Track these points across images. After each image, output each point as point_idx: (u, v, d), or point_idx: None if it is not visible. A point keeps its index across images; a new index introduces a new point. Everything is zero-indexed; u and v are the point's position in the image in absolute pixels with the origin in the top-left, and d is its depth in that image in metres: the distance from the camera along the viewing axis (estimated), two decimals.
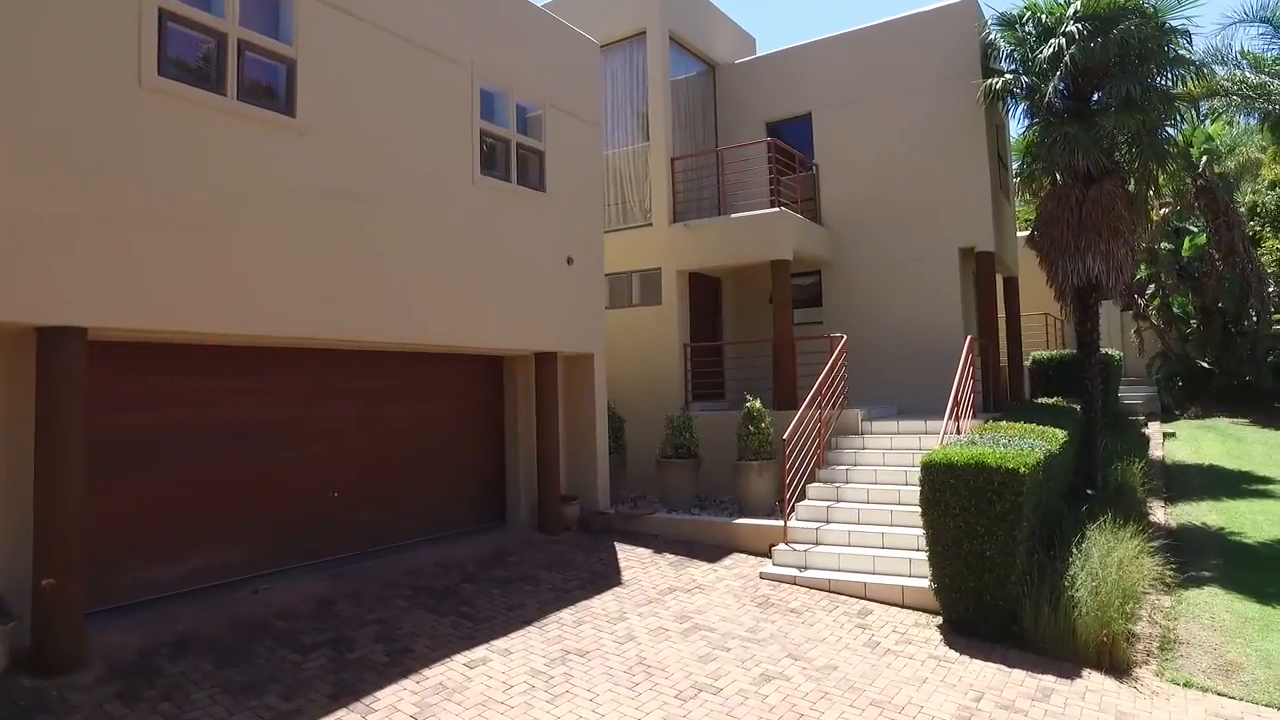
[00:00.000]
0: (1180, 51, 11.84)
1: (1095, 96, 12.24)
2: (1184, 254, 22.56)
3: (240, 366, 7.66)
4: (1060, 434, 9.38)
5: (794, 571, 8.71)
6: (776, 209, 12.18)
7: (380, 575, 8.09)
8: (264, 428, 7.87)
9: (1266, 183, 24.91)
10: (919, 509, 7.65)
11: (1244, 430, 19.06)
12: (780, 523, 9.44)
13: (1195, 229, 22.76)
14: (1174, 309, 23.51)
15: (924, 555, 7.76)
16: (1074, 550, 7.77)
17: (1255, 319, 22.39)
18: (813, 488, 10.02)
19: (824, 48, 14.19)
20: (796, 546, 9.08)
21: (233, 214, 6.61)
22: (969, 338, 10.61)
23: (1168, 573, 8.54)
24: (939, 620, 7.55)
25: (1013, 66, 12.50)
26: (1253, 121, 23.02)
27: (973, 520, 7.17)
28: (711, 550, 9.81)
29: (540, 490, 10.41)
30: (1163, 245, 22.57)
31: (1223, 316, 22.62)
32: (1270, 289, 23.00)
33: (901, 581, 8.12)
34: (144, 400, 6.94)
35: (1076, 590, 7.01)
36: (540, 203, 10.26)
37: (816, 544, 9.11)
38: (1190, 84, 12.01)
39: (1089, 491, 11.75)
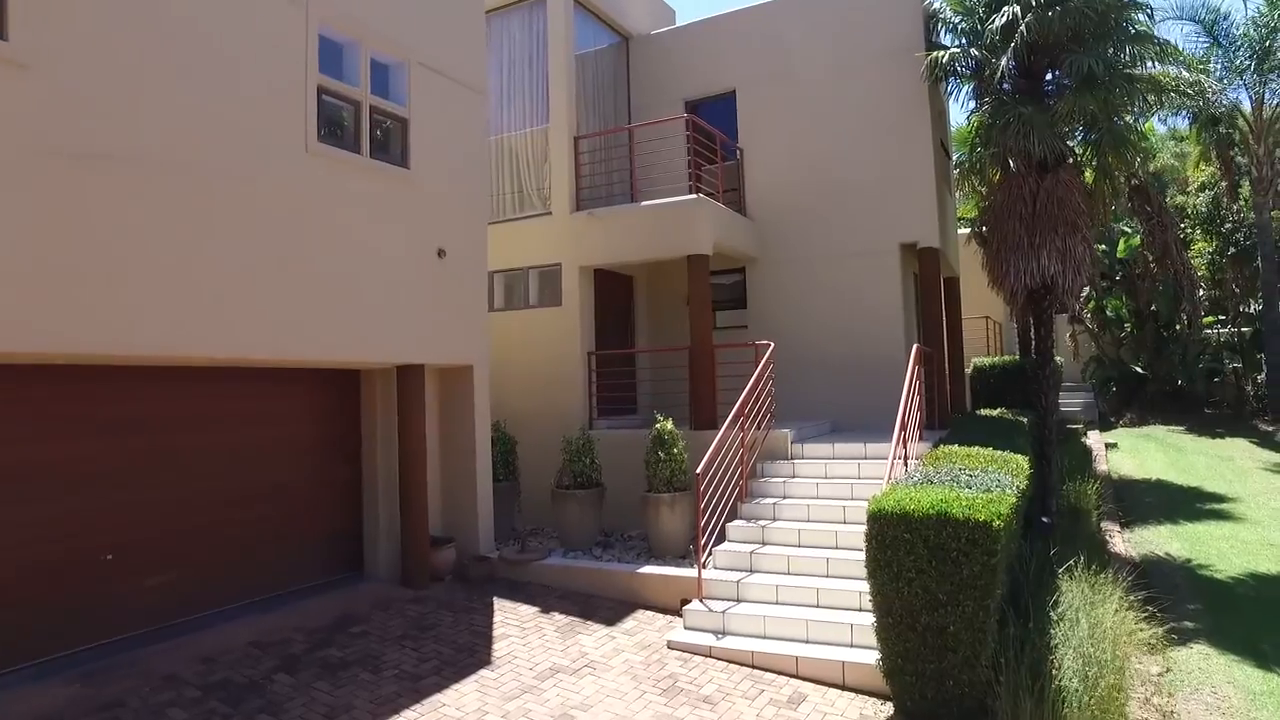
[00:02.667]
0: (1140, 27, 10.64)
1: (1049, 77, 10.96)
2: (1119, 255, 21.88)
3: None
4: (1022, 462, 7.92)
5: (709, 639, 7.02)
6: (694, 196, 10.49)
7: (163, 667, 6.08)
8: None
9: (1197, 184, 24.50)
10: (863, 561, 6.02)
11: (1182, 439, 18.31)
12: (694, 572, 7.75)
13: (1129, 230, 22.11)
14: (1108, 312, 22.86)
15: (869, 619, 6.17)
16: (1050, 614, 6.28)
17: (1188, 323, 21.86)
18: (734, 527, 8.37)
19: (749, 17, 12.59)
20: (713, 605, 7.39)
21: None
22: (915, 346, 9.12)
23: (1151, 625, 7.16)
24: (889, 711, 5.95)
25: (959, 41, 11.11)
26: (1181, 124, 22.64)
27: (933, 586, 5.58)
28: (611, 607, 8.05)
29: (404, 533, 8.50)
30: (1098, 246, 21.84)
31: (1156, 320, 22.03)
32: (1200, 293, 22.53)
33: (842, 655, 6.48)
34: None
35: (1063, 676, 5.49)
36: (403, 182, 8.34)
37: (738, 601, 7.44)
38: (1152, 64, 10.77)
39: (1044, 519, 10.42)
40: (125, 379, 6.60)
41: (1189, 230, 23.35)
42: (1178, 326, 22.07)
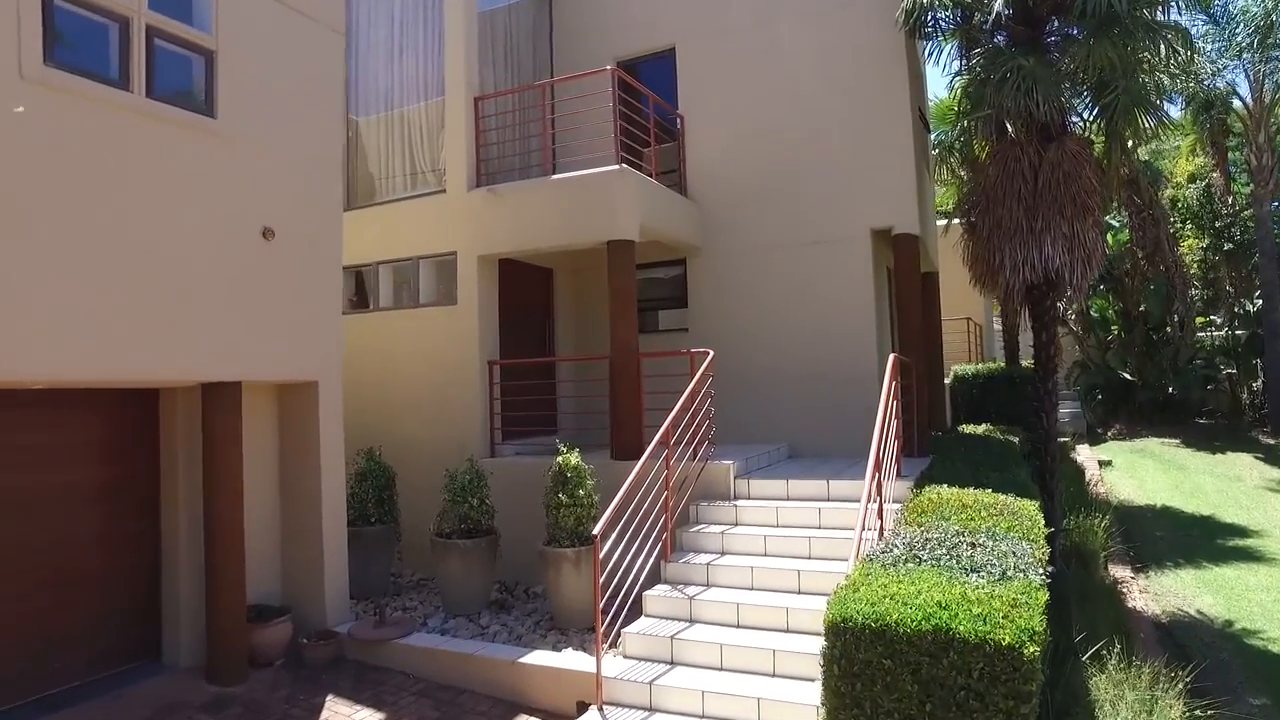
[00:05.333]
0: None
1: (1051, 27, 9.04)
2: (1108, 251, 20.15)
3: None
4: (1034, 511, 5.93)
5: None
6: (616, 166, 8.41)
7: None
8: None
9: (1185, 175, 22.93)
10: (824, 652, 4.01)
11: (1180, 455, 16.59)
12: (594, 665, 5.64)
13: (1117, 223, 20.42)
14: (1093, 313, 21.16)
15: None
16: None
17: (1179, 325, 20.23)
18: (654, 597, 6.30)
19: None
20: (617, 716, 5.31)
21: None
22: (893, 357, 7.10)
23: None
24: None
25: None
26: (1171, 113, 21.04)
27: None
28: (484, 710, 5.92)
29: (211, 608, 6.30)
30: None
31: (1145, 322, 20.36)
32: (1193, 292, 20.94)
33: None
34: None
35: None
36: (207, 135, 6.15)
37: (650, 710, 5.36)
38: (1178, 8, 8.89)
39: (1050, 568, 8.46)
40: None
41: (1178, 225, 21.74)
42: (1168, 329, 20.45)
